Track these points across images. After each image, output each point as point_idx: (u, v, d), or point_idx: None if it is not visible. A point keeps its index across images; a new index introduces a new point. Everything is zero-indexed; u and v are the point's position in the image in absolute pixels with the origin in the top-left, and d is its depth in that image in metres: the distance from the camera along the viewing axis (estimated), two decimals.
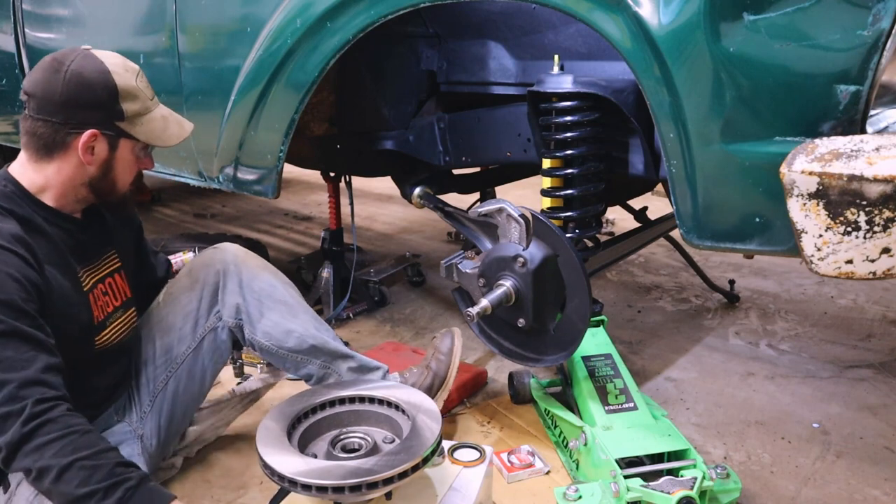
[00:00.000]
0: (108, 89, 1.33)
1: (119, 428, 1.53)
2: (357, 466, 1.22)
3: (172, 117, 1.45)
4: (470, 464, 1.43)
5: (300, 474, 1.19)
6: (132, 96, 1.36)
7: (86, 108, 1.32)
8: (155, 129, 1.40)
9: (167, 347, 1.59)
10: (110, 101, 1.33)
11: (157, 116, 1.41)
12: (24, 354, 1.16)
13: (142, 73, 1.40)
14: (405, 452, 1.24)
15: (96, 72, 1.32)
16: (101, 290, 1.46)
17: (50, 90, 1.31)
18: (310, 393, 1.46)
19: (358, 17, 1.64)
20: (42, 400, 1.14)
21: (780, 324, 2.57)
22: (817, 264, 1.14)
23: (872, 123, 1.23)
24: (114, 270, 1.51)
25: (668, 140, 1.32)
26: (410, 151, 2.16)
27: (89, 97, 1.32)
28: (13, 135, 2.94)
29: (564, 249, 1.63)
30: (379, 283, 2.80)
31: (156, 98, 1.43)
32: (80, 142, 1.33)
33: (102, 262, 1.49)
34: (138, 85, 1.37)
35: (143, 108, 1.38)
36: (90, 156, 1.35)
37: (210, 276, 1.61)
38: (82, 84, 1.31)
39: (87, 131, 1.32)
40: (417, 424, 1.32)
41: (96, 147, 1.35)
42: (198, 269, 1.63)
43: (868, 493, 1.64)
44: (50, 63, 1.34)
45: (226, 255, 1.63)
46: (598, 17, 1.36)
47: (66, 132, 1.33)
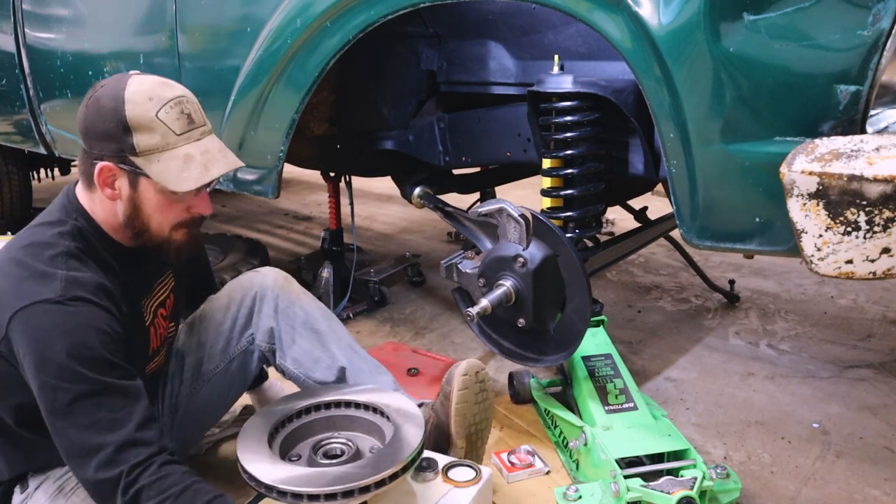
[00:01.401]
0: (118, 120, 1.21)
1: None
2: (335, 473, 1.21)
3: (203, 157, 1.26)
4: (462, 484, 1.38)
5: (277, 481, 1.18)
6: (147, 129, 1.21)
7: (100, 139, 1.23)
8: (169, 169, 1.23)
9: (196, 363, 1.57)
10: (119, 133, 1.21)
11: (179, 154, 1.23)
12: (119, 412, 1.15)
13: (176, 104, 1.24)
14: (384, 460, 1.23)
15: (112, 99, 1.21)
16: (161, 315, 1.44)
17: (80, 116, 1.26)
18: (293, 397, 1.46)
19: (358, 16, 1.64)
20: (136, 465, 1.13)
21: (780, 324, 2.57)
22: (817, 264, 1.14)
23: (872, 123, 1.23)
24: (170, 291, 1.49)
25: (668, 140, 1.32)
26: (410, 151, 2.16)
27: (101, 126, 1.22)
28: (13, 135, 2.94)
29: (564, 249, 1.63)
30: (379, 283, 2.80)
31: (194, 132, 1.26)
32: (96, 174, 1.24)
33: (160, 285, 1.45)
34: (159, 117, 1.21)
35: (161, 144, 1.22)
36: (111, 190, 1.26)
37: (247, 299, 1.58)
38: (97, 111, 1.23)
39: (101, 163, 1.23)
40: (400, 431, 1.31)
41: (117, 182, 1.26)
42: (236, 290, 1.61)
43: (868, 493, 1.64)
44: (91, 88, 1.27)
45: (265, 280, 1.60)
46: (598, 17, 1.36)
47: (91, 162, 1.26)
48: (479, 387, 1.52)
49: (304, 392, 1.50)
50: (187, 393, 1.57)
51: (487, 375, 1.55)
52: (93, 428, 1.14)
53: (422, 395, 1.97)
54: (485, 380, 1.54)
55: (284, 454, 1.32)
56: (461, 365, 1.51)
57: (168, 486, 1.13)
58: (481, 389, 1.53)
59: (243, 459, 1.24)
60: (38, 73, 2.62)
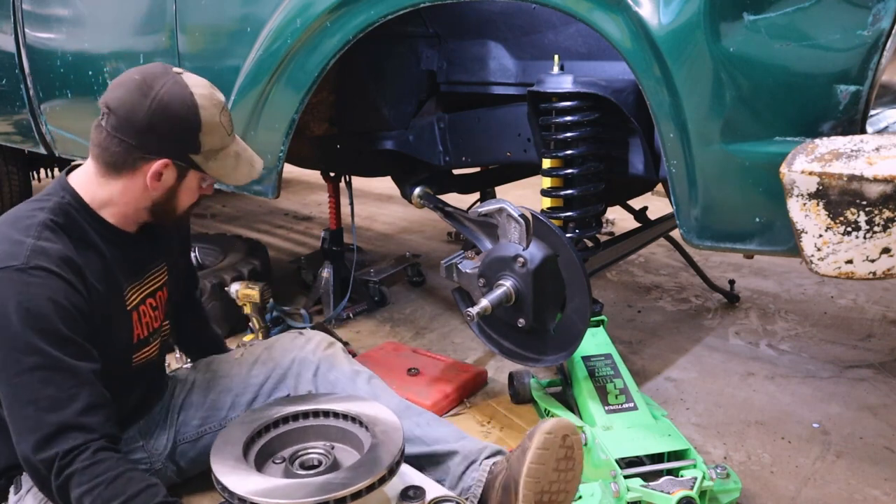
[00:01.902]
0: (193, 125, 1.28)
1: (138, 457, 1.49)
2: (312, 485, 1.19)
3: (245, 154, 1.39)
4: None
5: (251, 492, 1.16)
6: (213, 132, 1.30)
7: (165, 139, 1.28)
8: (226, 166, 1.35)
9: (217, 405, 1.57)
10: (191, 136, 1.29)
11: (231, 153, 1.36)
12: (65, 393, 1.15)
13: (226, 107, 1.35)
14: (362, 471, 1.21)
15: (184, 105, 1.27)
16: (149, 305, 1.44)
17: (133, 112, 1.26)
18: (269, 407, 1.44)
19: (358, 16, 1.64)
20: (72, 449, 1.14)
21: (780, 324, 2.57)
22: (817, 264, 1.14)
23: (872, 123, 1.23)
24: (163, 284, 1.49)
25: (668, 140, 1.32)
26: (410, 151, 2.16)
27: (172, 129, 1.27)
28: (13, 135, 2.94)
29: (564, 249, 1.63)
30: (379, 283, 2.80)
31: (234, 133, 1.38)
32: (151, 169, 1.29)
33: (152, 275, 1.46)
34: (220, 121, 1.31)
35: (220, 144, 1.33)
36: (157, 182, 1.31)
37: (285, 360, 1.59)
38: (168, 115, 1.26)
39: (160, 160, 1.28)
40: (378, 440, 1.29)
41: (164, 175, 1.31)
42: (278, 348, 1.63)
43: (868, 493, 1.64)
44: (138, 84, 1.27)
45: (308, 344, 1.62)
46: (598, 17, 1.36)
47: (139, 156, 1.28)
48: (563, 452, 1.31)
49: (281, 401, 1.48)
50: (198, 431, 1.55)
51: (579, 442, 1.34)
52: (36, 405, 1.15)
53: (422, 396, 1.97)
54: (573, 446, 1.32)
55: (260, 465, 1.31)
56: (549, 422, 1.32)
57: (101, 472, 1.14)
58: (566, 457, 1.32)
59: (217, 471, 1.23)
60: (38, 73, 2.61)
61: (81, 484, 1.13)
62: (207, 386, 1.59)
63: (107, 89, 1.31)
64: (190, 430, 1.55)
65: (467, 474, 1.44)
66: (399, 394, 1.61)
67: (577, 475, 1.35)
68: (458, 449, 1.48)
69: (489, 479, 1.41)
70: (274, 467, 1.32)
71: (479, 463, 1.45)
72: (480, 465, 1.44)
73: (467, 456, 1.46)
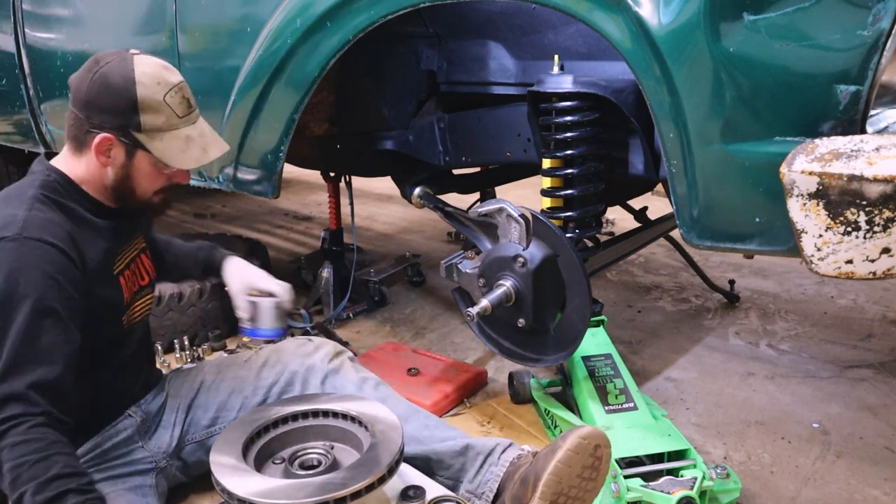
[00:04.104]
0: (128, 99, 1.31)
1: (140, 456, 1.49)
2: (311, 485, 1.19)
3: (200, 139, 1.40)
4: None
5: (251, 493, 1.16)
6: (154, 110, 1.33)
7: (104, 112, 1.32)
8: (172, 147, 1.36)
9: (226, 406, 1.58)
10: (128, 111, 1.32)
11: (181, 135, 1.36)
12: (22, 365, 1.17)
13: (179, 89, 1.36)
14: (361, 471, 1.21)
15: (122, 78, 1.31)
16: (133, 270, 1.49)
17: (80, 85, 1.33)
18: (268, 407, 1.44)
19: (358, 16, 1.64)
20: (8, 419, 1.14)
21: (780, 324, 2.57)
22: (817, 264, 1.14)
23: (872, 123, 1.23)
24: (140, 251, 1.55)
25: (668, 140, 1.32)
26: (410, 151, 2.16)
27: (108, 102, 1.31)
28: (13, 135, 2.94)
29: (564, 249, 1.63)
30: (379, 283, 2.80)
31: (191, 115, 1.39)
32: (94, 143, 1.33)
33: (133, 244, 1.52)
34: (165, 100, 1.33)
35: (165, 124, 1.34)
36: (105, 158, 1.35)
37: (292, 365, 1.61)
38: (105, 87, 1.31)
39: (101, 134, 1.33)
40: (377, 440, 1.29)
41: (112, 151, 1.35)
42: (287, 352, 1.65)
43: (868, 493, 1.64)
44: (91, 60, 1.35)
45: (317, 351, 1.64)
46: (598, 17, 1.36)
47: (87, 130, 1.34)
48: (591, 461, 1.31)
49: (280, 402, 1.48)
50: (206, 432, 1.56)
51: (609, 457, 1.34)
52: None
53: (422, 395, 1.97)
54: (602, 458, 1.32)
55: (260, 465, 1.31)
56: (586, 428, 1.32)
57: (29, 451, 1.14)
58: (593, 466, 1.32)
59: (217, 472, 1.23)
60: (38, 73, 2.61)
61: (9, 460, 1.13)
62: (217, 387, 1.61)
63: None
64: (199, 430, 1.56)
65: (484, 468, 1.44)
66: (399, 394, 1.61)
67: (597, 487, 1.35)
68: (471, 444, 1.48)
69: (509, 472, 1.41)
70: (273, 468, 1.32)
71: (498, 457, 1.45)
72: (499, 460, 1.44)
73: (481, 451, 1.46)
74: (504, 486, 1.40)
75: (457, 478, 1.47)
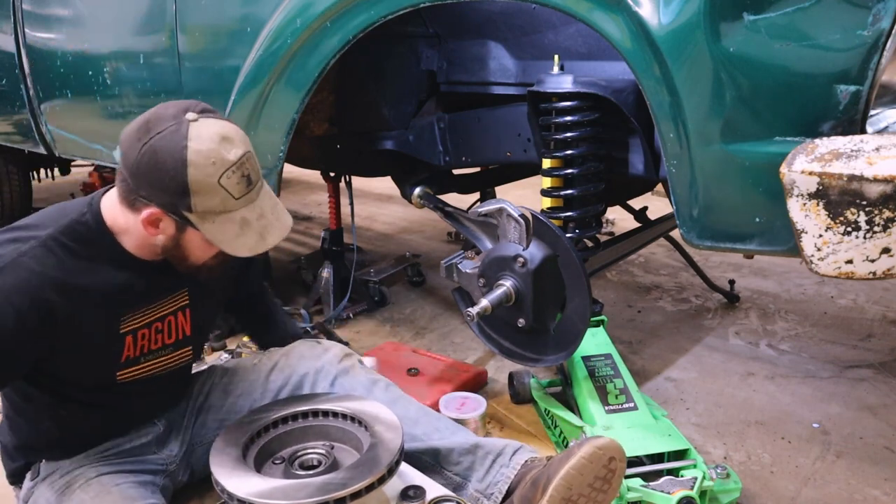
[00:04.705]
0: (179, 181, 1.16)
1: (152, 458, 1.48)
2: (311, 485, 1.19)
3: (259, 222, 1.24)
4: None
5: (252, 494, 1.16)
6: (207, 193, 1.18)
7: (153, 188, 1.18)
8: (226, 232, 1.22)
9: (234, 409, 1.56)
10: (178, 193, 1.17)
11: (237, 219, 1.21)
12: None
13: (237, 168, 1.19)
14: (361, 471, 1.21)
15: (173, 157, 1.15)
16: (155, 328, 1.38)
17: (128, 153, 1.19)
18: (268, 408, 1.44)
19: (358, 16, 1.64)
20: None
21: (780, 324, 2.57)
22: (817, 264, 1.14)
23: (872, 123, 1.23)
24: (178, 309, 1.42)
25: (668, 140, 1.32)
26: (410, 151, 2.16)
27: (157, 180, 1.17)
28: (13, 135, 2.94)
29: (564, 249, 1.63)
30: (379, 283, 2.80)
31: (251, 194, 1.23)
32: (142, 215, 1.21)
33: (167, 301, 1.39)
34: (220, 183, 1.17)
35: (220, 207, 1.19)
36: (154, 229, 1.23)
37: (301, 368, 1.59)
38: (154, 164, 1.16)
39: (150, 209, 1.20)
40: (377, 440, 1.29)
41: (162, 224, 1.23)
42: (295, 355, 1.63)
43: (868, 493, 1.64)
44: (141, 123, 1.20)
45: (325, 354, 1.62)
46: (598, 17, 1.36)
47: (136, 197, 1.21)
48: (604, 472, 1.30)
49: (280, 402, 1.48)
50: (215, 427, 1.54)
51: (622, 470, 1.33)
52: None
53: (422, 395, 1.97)
54: (616, 471, 1.31)
55: (260, 465, 1.31)
56: (603, 439, 1.32)
57: None
58: (605, 478, 1.31)
59: (217, 472, 1.22)
60: (38, 73, 2.61)
61: None
62: (225, 390, 1.60)
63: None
64: (207, 432, 1.55)
65: (494, 468, 1.44)
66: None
67: (608, 500, 1.34)
68: (481, 443, 1.47)
69: (521, 473, 1.41)
70: (273, 468, 1.32)
71: (509, 458, 1.44)
72: (511, 461, 1.43)
73: (491, 451, 1.46)
74: (514, 488, 1.40)
75: (465, 475, 1.47)
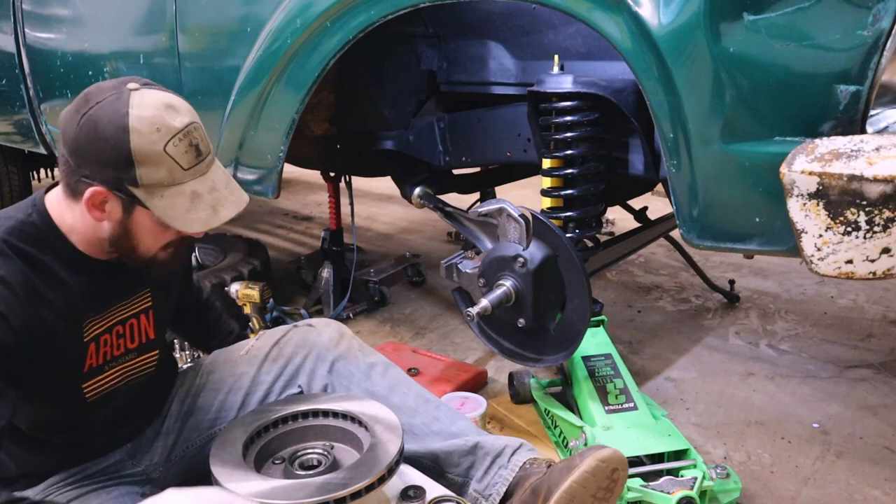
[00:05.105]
0: (120, 150, 1.08)
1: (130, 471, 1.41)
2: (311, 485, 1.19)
3: (211, 195, 1.15)
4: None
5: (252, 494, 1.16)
6: (153, 163, 1.09)
7: (94, 163, 1.10)
8: (175, 206, 1.13)
9: (226, 405, 1.50)
10: (121, 164, 1.09)
11: (187, 191, 1.13)
12: None
13: (184, 135, 1.11)
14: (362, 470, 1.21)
15: (113, 125, 1.07)
16: (116, 333, 1.29)
17: (67, 127, 1.11)
18: (268, 407, 1.43)
19: (358, 16, 1.64)
20: None
21: (780, 324, 2.57)
22: (817, 264, 1.14)
23: (872, 123, 1.23)
24: (140, 311, 1.34)
25: (668, 140, 1.32)
26: (410, 151, 2.16)
27: (98, 152, 1.09)
28: (13, 135, 2.94)
29: (564, 249, 1.63)
30: (379, 283, 2.80)
31: (201, 165, 1.15)
32: (85, 196, 1.12)
33: (128, 303, 1.31)
34: (166, 151, 1.09)
35: (167, 179, 1.11)
36: (99, 213, 1.14)
37: (298, 356, 1.54)
38: (94, 135, 1.08)
39: (93, 187, 1.11)
40: (377, 440, 1.29)
41: (107, 206, 1.14)
42: (289, 343, 1.56)
43: (868, 493, 1.64)
44: (82, 95, 1.12)
45: (319, 338, 1.55)
46: (598, 17, 1.36)
47: (78, 179, 1.12)
48: (606, 483, 1.28)
49: (280, 402, 1.46)
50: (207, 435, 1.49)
51: (624, 479, 1.31)
52: None
53: None
54: (618, 481, 1.29)
55: (260, 465, 1.30)
56: (605, 451, 1.28)
57: None
58: (607, 488, 1.28)
59: (216, 472, 1.22)
60: (38, 73, 2.61)
61: None
62: (216, 387, 1.52)
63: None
64: (201, 433, 1.49)
65: (493, 469, 1.42)
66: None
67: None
68: (480, 443, 1.44)
69: (519, 476, 1.39)
70: (273, 468, 1.32)
71: (508, 459, 1.42)
72: (509, 462, 1.41)
73: (490, 451, 1.44)
74: (513, 491, 1.38)
75: (466, 475, 1.45)
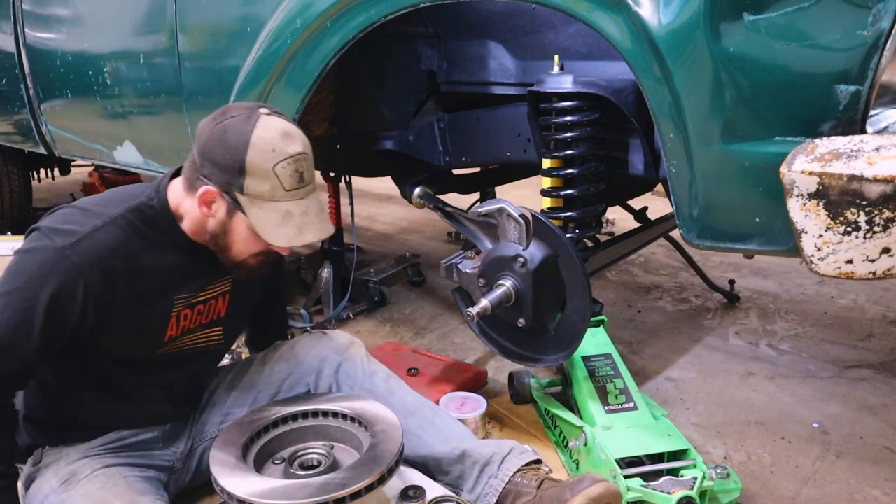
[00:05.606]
0: (238, 159, 1.26)
1: (159, 454, 1.50)
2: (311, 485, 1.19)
3: (301, 218, 1.31)
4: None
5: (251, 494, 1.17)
6: (260, 176, 1.26)
7: (214, 165, 1.28)
8: (268, 219, 1.29)
9: (237, 402, 1.59)
10: (235, 171, 1.26)
11: (281, 209, 1.29)
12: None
13: (293, 161, 1.28)
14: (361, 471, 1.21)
15: (238, 137, 1.26)
16: (197, 310, 1.44)
17: (202, 131, 1.31)
18: (268, 408, 1.44)
19: (358, 16, 1.64)
20: None
21: (780, 324, 2.57)
22: (817, 264, 1.14)
23: (872, 123, 1.23)
24: (220, 294, 1.48)
25: (668, 140, 1.32)
26: (410, 151, 2.16)
27: (220, 156, 1.27)
28: (13, 135, 2.94)
29: (564, 249, 1.63)
30: (379, 283, 2.80)
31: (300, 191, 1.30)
32: (199, 192, 1.30)
33: (215, 285, 1.46)
34: (274, 170, 1.26)
35: (268, 194, 1.27)
36: (207, 209, 1.32)
37: (308, 358, 1.63)
38: (221, 141, 1.27)
39: (207, 186, 1.29)
40: (377, 440, 1.29)
41: (215, 205, 1.32)
42: (301, 346, 1.66)
43: (868, 493, 1.64)
44: (221, 109, 1.33)
45: (330, 342, 1.66)
46: (598, 17, 1.36)
47: (198, 176, 1.31)
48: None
49: (280, 402, 1.48)
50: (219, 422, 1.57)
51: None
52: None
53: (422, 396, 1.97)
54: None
55: (260, 466, 1.31)
56: (598, 486, 1.32)
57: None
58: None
59: (216, 472, 1.23)
60: (38, 73, 2.62)
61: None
62: (230, 385, 1.62)
63: None
64: (211, 429, 1.56)
65: (483, 479, 1.45)
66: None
67: None
68: (468, 450, 1.47)
69: (509, 489, 1.41)
70: (273, 468, 1.32)
71: (497, 468, 1.44)
72: (499, 472, 1.44)
73: (478, 459, 1.46)
74: (503, 500, 1.40)
75: (456, 484, 1.48)
